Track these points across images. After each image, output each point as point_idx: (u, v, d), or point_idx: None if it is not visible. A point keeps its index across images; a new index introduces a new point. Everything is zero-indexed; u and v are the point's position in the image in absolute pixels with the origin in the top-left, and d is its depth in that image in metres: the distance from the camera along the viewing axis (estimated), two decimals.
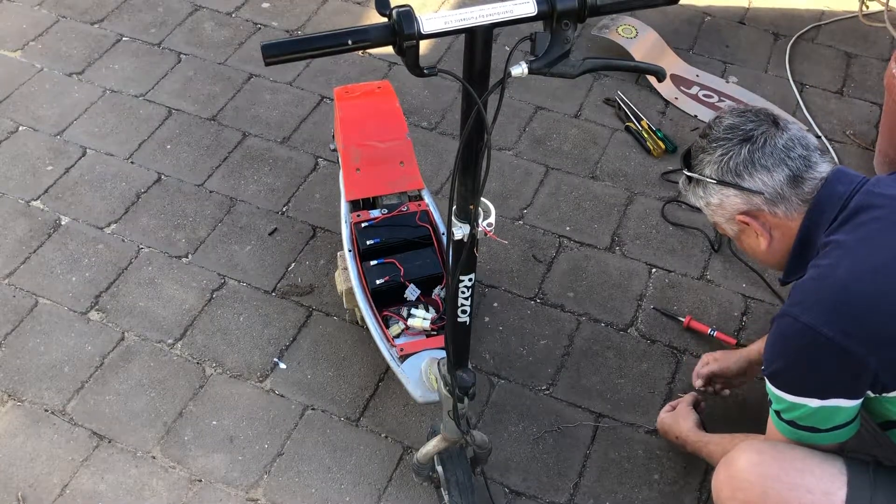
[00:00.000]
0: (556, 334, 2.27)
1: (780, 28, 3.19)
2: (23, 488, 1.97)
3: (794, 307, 1.43)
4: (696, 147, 1.62)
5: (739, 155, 1.53)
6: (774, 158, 1.51)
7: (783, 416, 1.50)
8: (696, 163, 1.60)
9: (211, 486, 1.98)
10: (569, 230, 2.52)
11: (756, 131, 1.53)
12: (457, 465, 1.80)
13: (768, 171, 1.51)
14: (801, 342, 1.41)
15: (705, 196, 1.60)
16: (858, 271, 1.40)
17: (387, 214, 2.13)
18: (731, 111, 1.60)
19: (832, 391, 1.42)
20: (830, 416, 1.45)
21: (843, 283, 1.40)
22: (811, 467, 1.46)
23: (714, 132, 1.58)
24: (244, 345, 2.24)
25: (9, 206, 2.55)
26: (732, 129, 1.55)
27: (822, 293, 1.42)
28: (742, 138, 1.54)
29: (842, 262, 1.42)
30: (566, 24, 1.18)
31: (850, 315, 1.38)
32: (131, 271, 2.40)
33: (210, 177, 2.64)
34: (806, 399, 1.43)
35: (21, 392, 2.14)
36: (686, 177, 1.63)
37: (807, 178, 1.51)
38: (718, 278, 2.40)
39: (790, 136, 1.53)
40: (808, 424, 1.47)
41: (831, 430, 1.47)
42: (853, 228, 1.45)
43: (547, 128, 2.82)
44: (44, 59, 3.01)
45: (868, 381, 1.40)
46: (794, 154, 1.51)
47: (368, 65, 3.02)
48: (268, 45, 1.12)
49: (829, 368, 1.40)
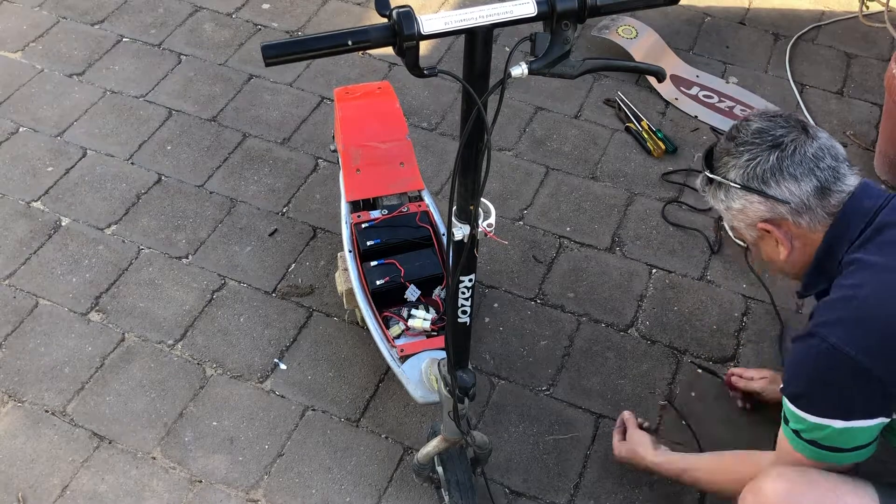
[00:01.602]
0: (556, 335, 2.27)
1: (781, 28, 3.19)
2: (23, 489, 1.97)
3: (819, 328, 1.39)
4: (720, 148, 1.56)
5: (768, 161, 1.47)
6: (803, 168, 1.46)
7: (803, 435, 1.45)
8: (719, 165, 1.54)
9: (211, 487, 1.98)
10: (569, 231, 2.52)
11: (786, 138, 1.48)
12: (457, 466, 1.81)
13: (796, 180, 1.46)
14: (828, 363, 1.38)
15: (727, 200, 1.54)
16: (885, 293, 1.38)
17: (387, 215, 2.13)
18: (760, 115, 1.54)
19: (857, 413, 1.39)
20: (854, 437, 1.42)
21: (869, 304, 1.37)
22: (843, 495, 1.42)
23: (742, 135, 1.52)
24: (244, 345, 2.24)
25: (9, 207, 2.55)
26: (761, 134, 1.50)
27: (849, 314, 1.38)
28: (771, 144, 1.48)
29: (867, 283, 1.39)
30: (566, 24, 1.18)
31: (877, 337, 1.35)
32: (132, 272, 2.40)
33: (210, 178, 2.65)
34: (830, 420, 1.40)
35: (21, 393, 2.14)
36: (706, 177, 1.57)
37: (834, 190, 1.47)
38: (719, 279, 2.40)
39: (820, 145, 1.48)
40: (830, 445, 1.43)
41: (853, 451, 1.44)
42: (879, 248, 1.42)
43: (547, 128, 2.82)
44: (44, 60, 3.01)
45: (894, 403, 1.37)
46: (824, 164, 1.47)
47: (368, 65, 3.03)
48: (268, 46, 1.12)
49: (855, 390, 1.37)
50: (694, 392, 2.15)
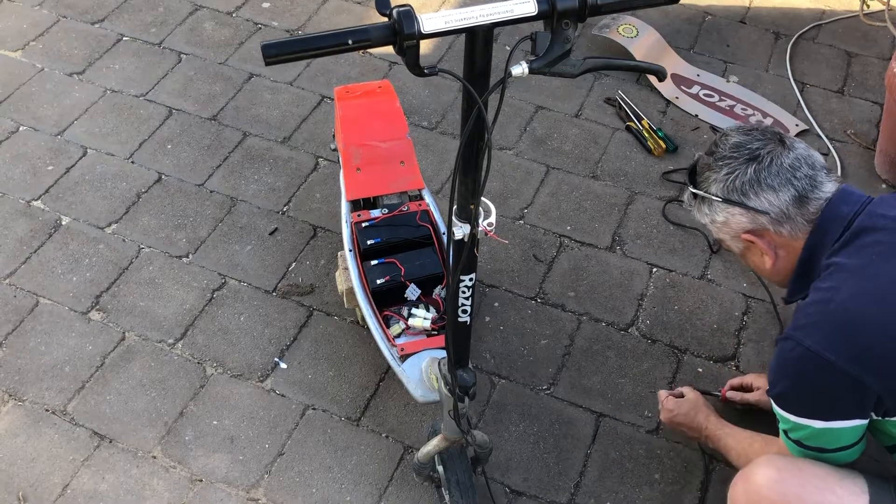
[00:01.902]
0: (556, 334, 2.27)
1: (781, 27, 3.19)
2: (24, 488, 1.97)
3: (796, 331, 1.43)
4: (701, 164, 1.61)
5: (745, 174, 1.51)
6: (780, 178, 1.50)
7: (790, 435, 1.51)
8: (701, 180, 1.59)
9: (212, 486, 1.98)
10: (569, 230, 2.52)
11: (762, 150, 1.52)
12: (457, 465, 1.80)
13: (774, 190, 1.50)
14: (805, 366, 1.41)
15: (710, 213, 1.59)
16: (860, 296, 1.40)
17: (387, 214, 2.13)
18: (737, 129, 1.59)
19: (836, 414, 1.42)
20: (836, 438, 1.45)
21: (845, 308, 1.40)
22: (832, 486, 1.45)
23: (720, 150, 1.56)
24: (245, 345, 2.24)
25: (9, 206, 2.55)
26: (739, 148, 1.54)
27: (825, 317, 1.42)
28: (748, 157, 1.52)
29: (843, 286, 1.42)
30: (567, 23, 1.17)
31: (852, 340, 1.38)
32: (132, 271, 2.40)
33: (210, 177, 2.65)
34: (809, 420, 1.44)
35: (22, 392, 2.14)
36: (691, 193, 1.63)
37: (812, 198, 1.50)
38: (719, 278, 2.40)
39: (796, 156, 1.52)
40: (814, 445, 1.48)
41: (838, 451, 1.47)
42: (855, 251, 1.45)
43: (547, 127, 2.82)
44: (44, 58, 3.01)
45: (871, 404, 1.40)
46: (800, 174, 1.50)
47: (369, 64, 3.02)
48: (268, 45, 1.12)
49: (832, 392, 1.41)
50: None
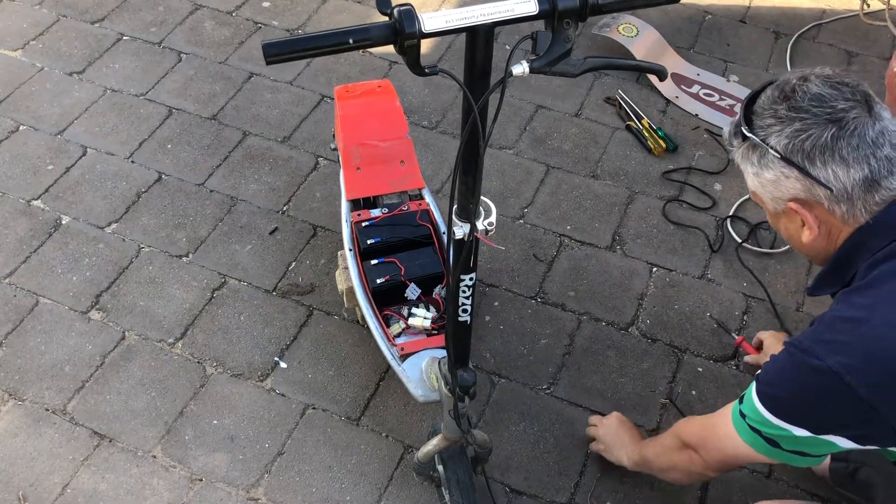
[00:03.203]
0: (556, 333, 2.27)
1: (781, 27, 3.19)
2: (24, 487, 1.97)
3: (818, 345, 1.26)
4: (766, 104, 1.33)
5: (821, 137, 1.27)
6: (859, 153, 1.26)
7: (752, 425, 1.36)
8: (760, 124, 1.32)
9: (212, 486, 1.98)
10: (570, 229, 2.52)
11: (849, 114, 1.27)
12: (457, 465, 1.80)
13: (846, 165, 1.26)
14: (817, 382, 1.25)
15: (759, 166, 1.34)
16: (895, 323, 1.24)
17: (387, 213, 2.13)
18: (823, 78, 1.32)
19: (832, 430, 1.29)
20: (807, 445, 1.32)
21: (880, 335, 1.23)
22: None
23: (796, 98, 1.30)
24: (245, 344, 2.24)
25: (9, 206, 2.55)
26: (821, 102, 1.29)
27: (855, 340, 1.24)
28: (830, 118, 1.27)
29: (880, 308, 1.25)
30: (567, 22, 1.17)
31: (882, 370, 1.22)
32: (132, 271, 2.40)
33: (210, 176, 2.64)
34: (795, 428, 1.30)
35: (22, 391, 2.14)
36: (742, 134, 1.35)
37: (884, 185, 1.28)
38: (719, 277, 2.40)
39: (882, 128, 1.28)
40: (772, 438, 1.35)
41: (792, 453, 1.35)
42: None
43: (547, 127, 2.82)
44: (44, 58, 3.01)
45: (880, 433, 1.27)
46: (881, 153, 1.27)
47: (369, 64, 3.02)
48: (269, 45, 1.12)
49: (840, 413, 1.26)
50: (695, 390, 2.15)
